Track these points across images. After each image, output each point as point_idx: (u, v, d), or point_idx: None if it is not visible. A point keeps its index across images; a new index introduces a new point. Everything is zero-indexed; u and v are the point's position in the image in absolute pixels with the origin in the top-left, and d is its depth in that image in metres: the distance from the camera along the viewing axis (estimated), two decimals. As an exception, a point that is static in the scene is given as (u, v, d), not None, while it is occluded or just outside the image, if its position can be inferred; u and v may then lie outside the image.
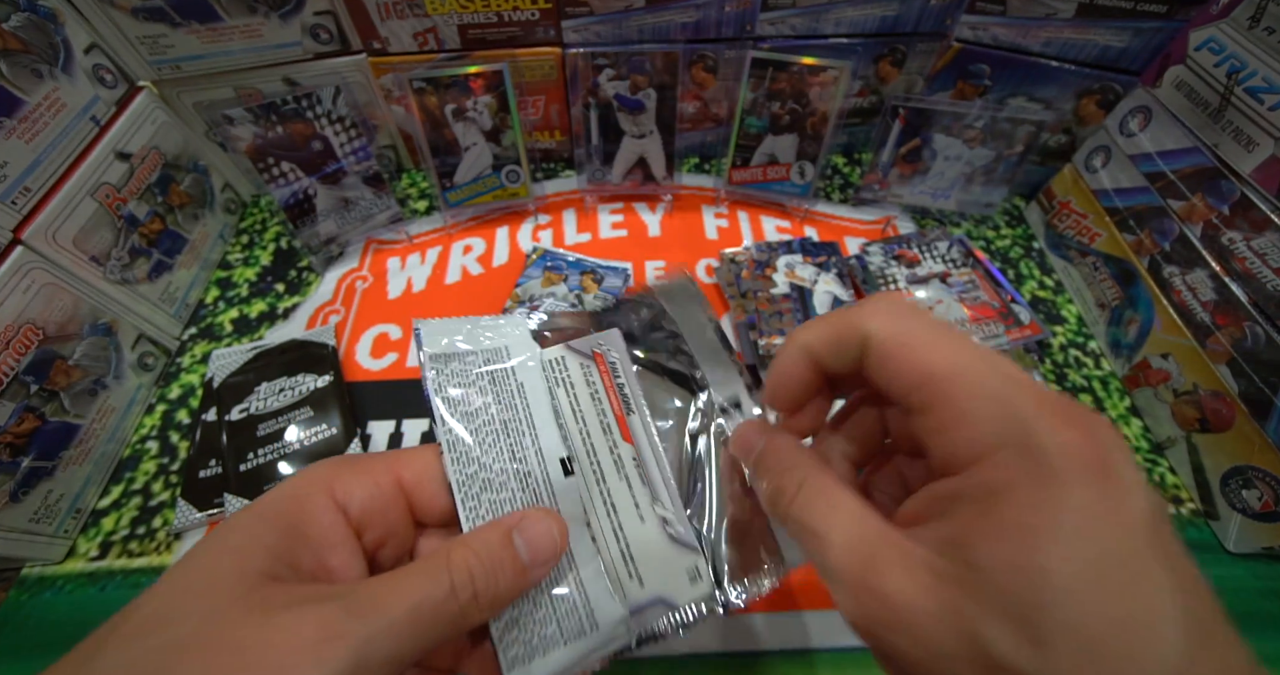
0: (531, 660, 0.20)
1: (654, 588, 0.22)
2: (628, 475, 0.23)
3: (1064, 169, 0.56)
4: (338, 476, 0.21)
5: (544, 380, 0.24)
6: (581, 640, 0.21)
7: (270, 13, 0.49)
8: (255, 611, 0.16)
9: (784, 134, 0.56)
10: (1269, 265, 0.38)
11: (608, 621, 0.21)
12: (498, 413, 0.22)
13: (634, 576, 0.22)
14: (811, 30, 0.56)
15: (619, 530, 0.23)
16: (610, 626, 0.21)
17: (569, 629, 0.21)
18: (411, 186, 0.64)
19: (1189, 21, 0.45)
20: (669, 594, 0.22)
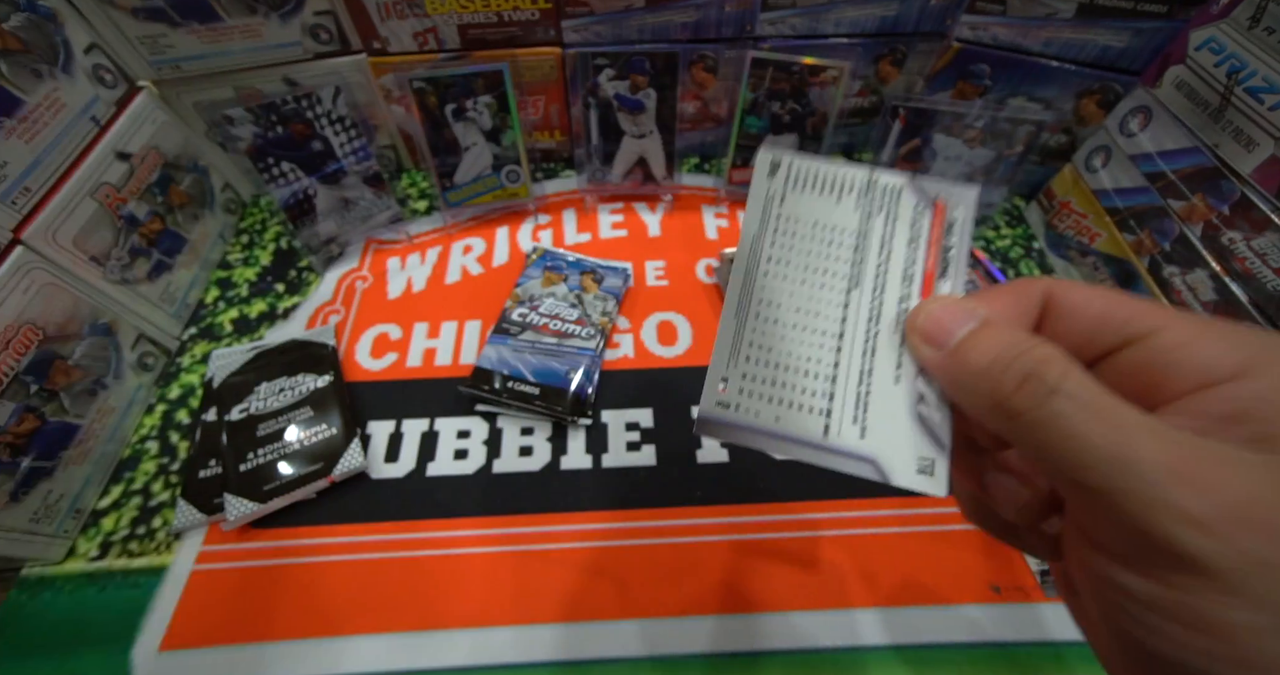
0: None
1: (873, 447, 0.20)
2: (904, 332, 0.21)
3: (1064, 169, 0.56)
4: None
5: (865, 203, 0.22)
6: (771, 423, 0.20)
7: (270, 13, 0.49)
8: None
9: (784, 134, 0.56)
10: (1269, 265, 0.38)
11: (800, 431, 0.20)
12: (807, 215, 0.21)
13: (857, 422, 0.20)
14: (811, 30, 0.56)
15: (866, 375, 0.20)
16: (798, 432, 0.20)
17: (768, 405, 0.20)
18: (411, 186, 0.64)
19: (1189, 21, 0.45)
20: (886, 464, 0.20)
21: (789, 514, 0.42)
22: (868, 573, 0.39)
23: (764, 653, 0.36)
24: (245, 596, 0.38)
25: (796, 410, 0.20)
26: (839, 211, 0.22)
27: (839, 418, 0.20)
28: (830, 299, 0.21)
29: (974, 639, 0.37)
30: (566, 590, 0.39)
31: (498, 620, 0.38)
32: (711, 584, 0.39)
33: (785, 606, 0.38)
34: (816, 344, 0.21)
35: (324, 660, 0.36)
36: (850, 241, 0.22)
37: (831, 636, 0.37)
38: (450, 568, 0.39)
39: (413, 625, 0.37)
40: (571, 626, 0.37)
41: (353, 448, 0.43)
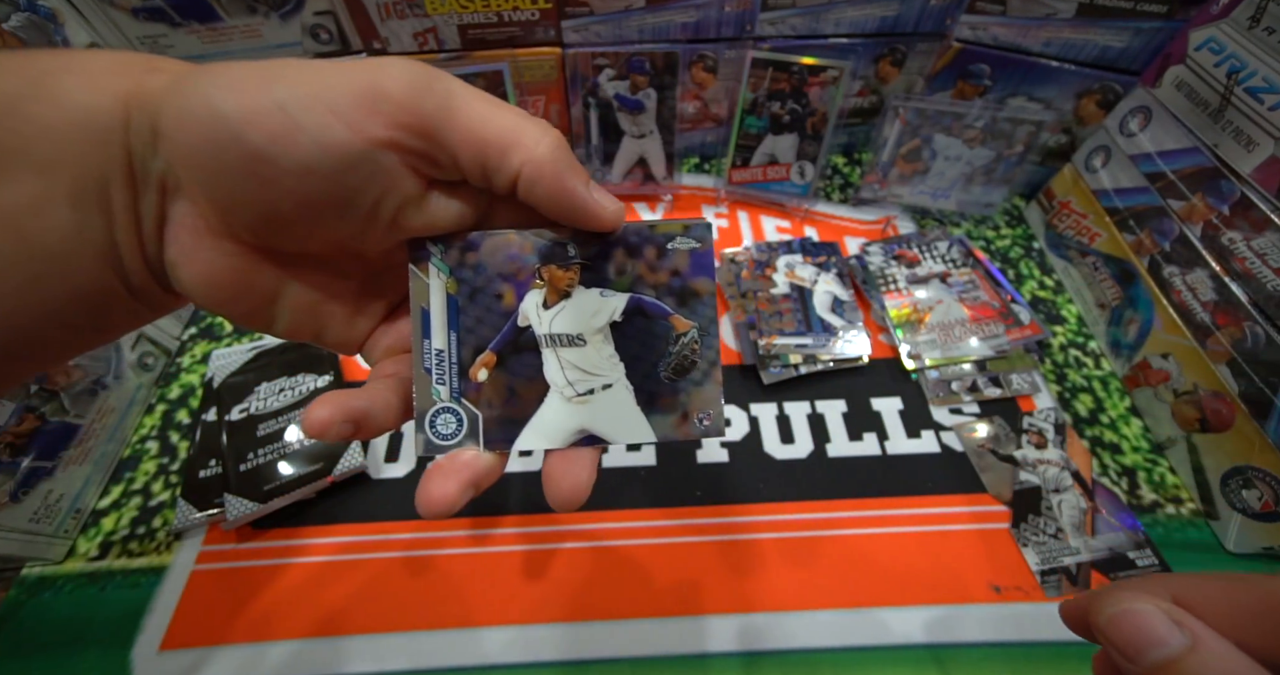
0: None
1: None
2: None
3: (1064, 169, 0.56)
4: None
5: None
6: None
7: (270, 13, 0.49)
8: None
9: (784, 134, 0.57)
10: (1269, 265, 0.38)
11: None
12: None
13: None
14: (811, 30, 0.56)
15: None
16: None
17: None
18: (411, 186, 0.64)
19: (1189, 21, 0.45)
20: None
21: (789, 514, 0.42)
22: (868, 573, 0.39)
23: (764, 653, 0.36)
24: (245, 596, 0.38)
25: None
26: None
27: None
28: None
29: (974, 639, 0.37)
30: (567, 590, 0.39)
31: (498, 620, 0.38)
32: (711, 584, 0.39)
33: (785, 606, 0.38)
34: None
35: (324, 660, 0.36)
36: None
37: (831, 636, 0.37)
38: (450, 568, 0.39)
39: (412, 625, 0.37)
40: (572, 626, 0.37)
41: (353, 447, 0.43)
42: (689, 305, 0.22)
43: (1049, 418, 0.46)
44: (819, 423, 0.46)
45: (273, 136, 0.16)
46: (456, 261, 0.21)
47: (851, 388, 0.48)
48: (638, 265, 0.22)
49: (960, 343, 0.50)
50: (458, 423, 0.21)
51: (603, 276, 0.22)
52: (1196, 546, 0.41)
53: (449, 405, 0.21)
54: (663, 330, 0.22)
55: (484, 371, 0.21)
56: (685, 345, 0.22)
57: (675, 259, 0.22)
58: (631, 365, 0.22)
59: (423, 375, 0.21)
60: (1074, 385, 0.49)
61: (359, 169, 0.17)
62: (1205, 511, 0.43)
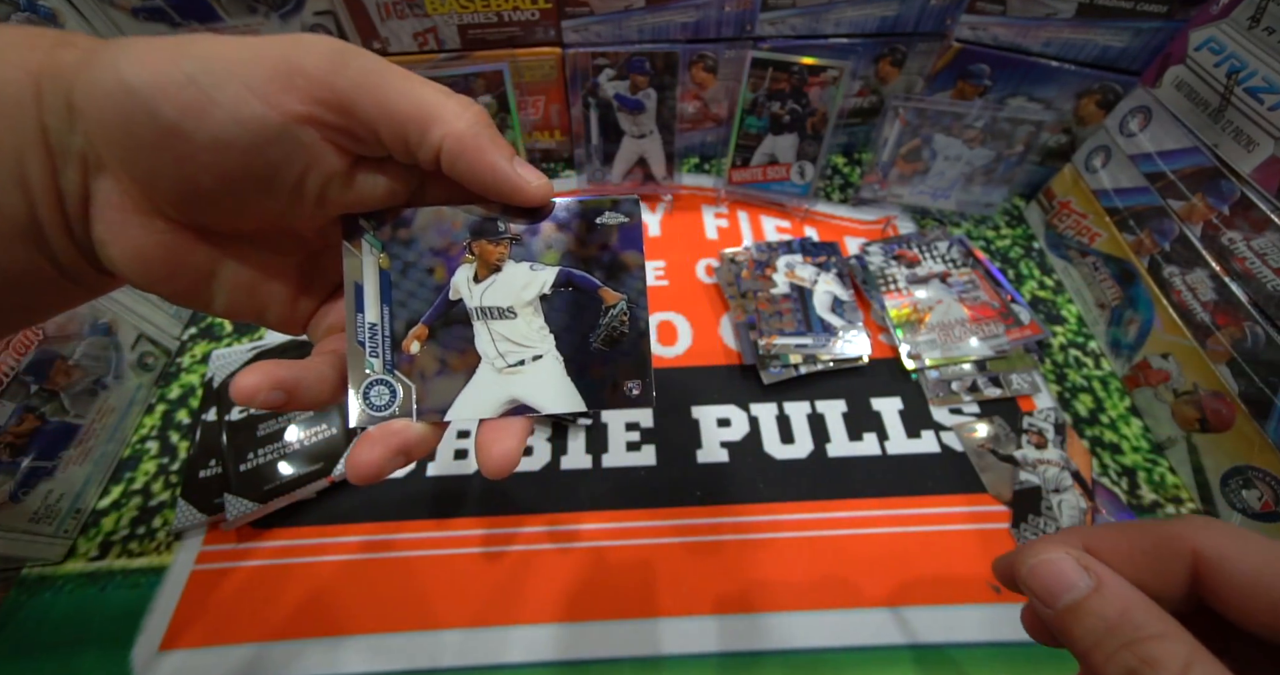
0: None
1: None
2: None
3: (1064, 169, 0.56)
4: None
5: None
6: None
7: (270, 13, 0.49)
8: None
9: (784, 134, 0.57)
10: (1269, 265, 0.38)
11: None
12: None
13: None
14: (811, 30, 0.56)
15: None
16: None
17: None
18: (411, 186, 0.64)
19: (1189, 21, 0.45)
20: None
21: (789, 514, 0.42)
22: (867, 573, 0.39)
23: (764, 652, 0.36)
24: (245, 596, 0.38)
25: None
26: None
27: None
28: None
29: (974, 639, 0.37)
30: (566, 590, 0.39)
31: (498, 620, 0.38)
32: (711, 584, 0.39)
33: (785, 607, 0.38)
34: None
35: (324, 660, 0.36)
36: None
37: (831, 637, 0.37)
38: (450, 568, 0.39)
39: (413, 625, 0.37)
40: (572, 626, 0.37)
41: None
42: (618, 278, 0.22)
43: (1049, 418, 0.46)
44: (819, 423, 0.46)
45: (185, 110, 0.16)
46: (389, 237, 0.22)
47: (851, 388, 0.48)
48: (567, 239, 0.22)
49: (960, 343, 0.50)
50: (390, 394, 0.21)
51: (532, 251, 0.22)
52: (1196, 546, 0.41)
53: (382, 377, 0.21)
54: (592, 302, 0.22)
55: (416, 344, 0.22)
56: (614, 317, 0.22)
57: (604, 233, 0.22)
58: (562, 336, 0.22)
59: (356, 349, 0.21)
60: (1074, 385, 0.49)
61: (277, 144, 0.17)
62: (1205, 511, 0.43)
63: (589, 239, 0.22)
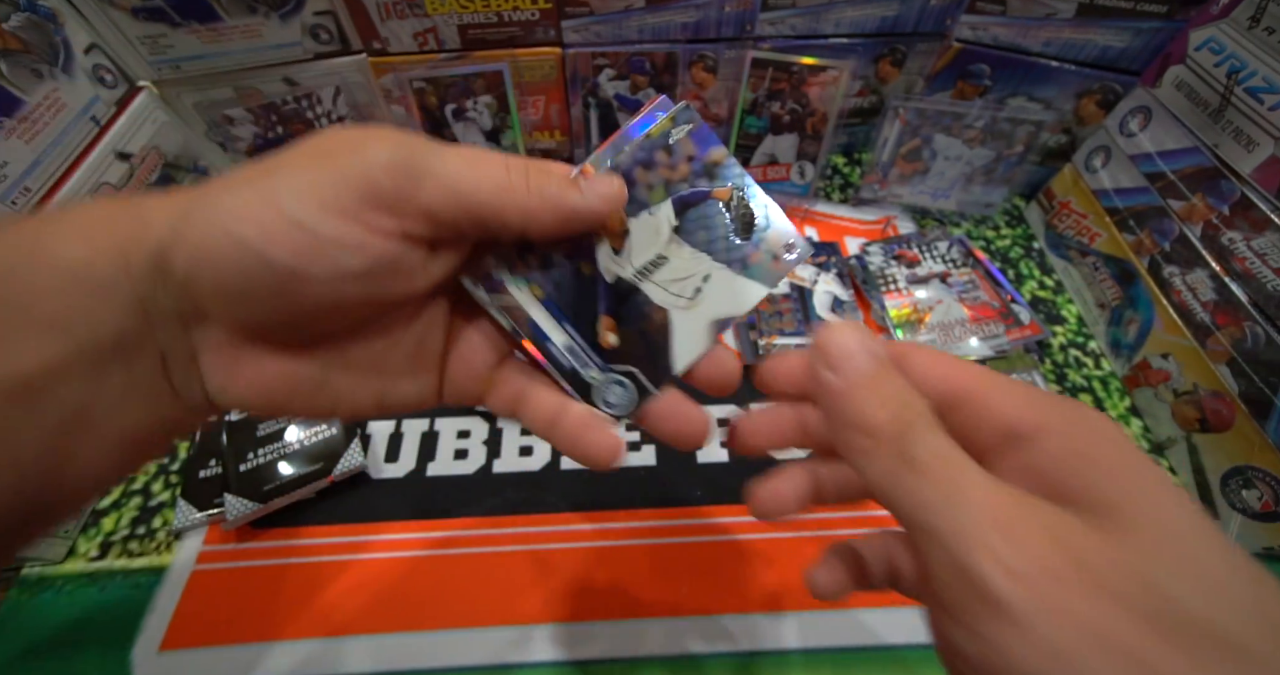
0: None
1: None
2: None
3: (1064, 169, 0.56)
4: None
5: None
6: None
7: (270, 13, 0.49)
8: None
9: (784, 134, 0.57)
10: (1269, 265, 0.38)
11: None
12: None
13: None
14: (811, 30, 0.56)
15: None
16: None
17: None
18: (411, 186, 0.64)
19: (1189, 21, 0.45)
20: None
21: (789, 514, 0.42)
22: (868, 573, 0.39)
23: (764, 652, 0.36)
24: (245, 596, 0.38)
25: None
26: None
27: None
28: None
29: (974, 639, 0.37)
30: (567, 590, 0.39)
31: (498, 620, 0.38)
32: (711, 584, 0.39)
33: (785, 606, 0.38)
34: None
35: (324, 660, 0.36)
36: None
37: (831, 636, 0.37)
38: (450, 568, 0.39)
39: (412, 625, 0.37)
40: (572, 626, 0.37)
41: (353, 447, 0.43)
42: (717, 176, 0.23)
43: (1049, 418, 0.46)
44: (819, 423, 0.46)
45: (298, 253, 0.17)
46: (524, 269, 0.22)
47: (851, 388, 0.48)
48: (659, 172, 0.23)
49: (960, 343, 0.50)
50: (621, 387, 0.23)
51: (641, 200, 0.23)
52: (1196, 546, 0.41)
53: (606, 380, 0.23)
54: (713, 208, 0.23)
55: (611, 335, 0.23)
56: (736, 207, 0.23)
57: (682, 148, 0.23)
58: (710, 249, 0.23)
59: (569, 373, 0.23)
60: (1074, 385, 0.49)
61: (382, 260, 0.18)
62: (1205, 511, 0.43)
63: (674, 161, 0.23)
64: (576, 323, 0.23)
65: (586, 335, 0.23)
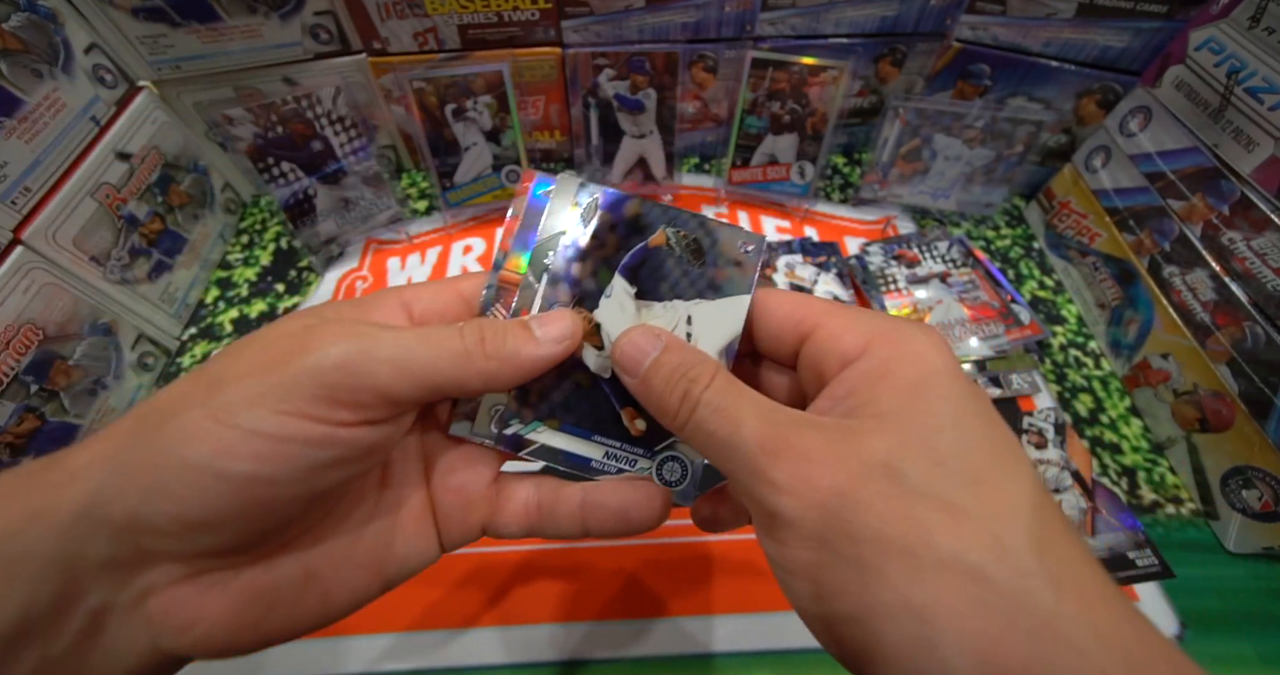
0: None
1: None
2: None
3: (1064, 169, 0.56)
4: (408, 288, 0.22)
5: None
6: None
7: (270, 13, 0.49)
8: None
9: (784, 134, 0.56)
10: (1269, 265, 0.38)
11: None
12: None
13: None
14: (811, 30, 0.56)
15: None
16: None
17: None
18: (411, 186, 0.64)
19: (1189, 21, 0.45)
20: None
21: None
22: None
23: (764, 652, 0.36)
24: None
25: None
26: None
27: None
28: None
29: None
30: (566, 590, 0.39)
31: (498, 620, 0.38)
32: (711, 584, 0.39)
33: (785, 606, 0.38)
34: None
35: (324, 660, 0.36)
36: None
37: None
38: (450, 568, 0.39)
39: (412, 625, 0.37)
40: (572, 626, 0.37)
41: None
42: (645, 226, 0.23)
43: (1049, 418, 0.46)
44: (819, 423, 0.46)
45: (261, 459, 0.16)
46: (530, 413, 0.22)
47: (851, 388, 0.48)
48: (595, 257, 0.23)
49: (960, 343, 0.50)
50: (674, 461, 0.23)
51: (594, 290, 0.23)
52: (1196, 546, 0.41)
53: (655, 462, 0.23)
54: (658, 256, 0.23)
55: (638, 421, 0.23)
56: (677, 243, 0.23)
57: (602, 222, 0.23)
58: (677, 293, 0.23)
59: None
60: (1074, 385, 0.49)
61: (354, 447, 0.18)
62: (1205, 511, 0.43)
63: (601, 239, 0.23)
64: (602, 429, 0.23)
65: (618, 434, 0.23)
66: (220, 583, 0.18)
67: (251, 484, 0.16)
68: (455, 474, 0.23)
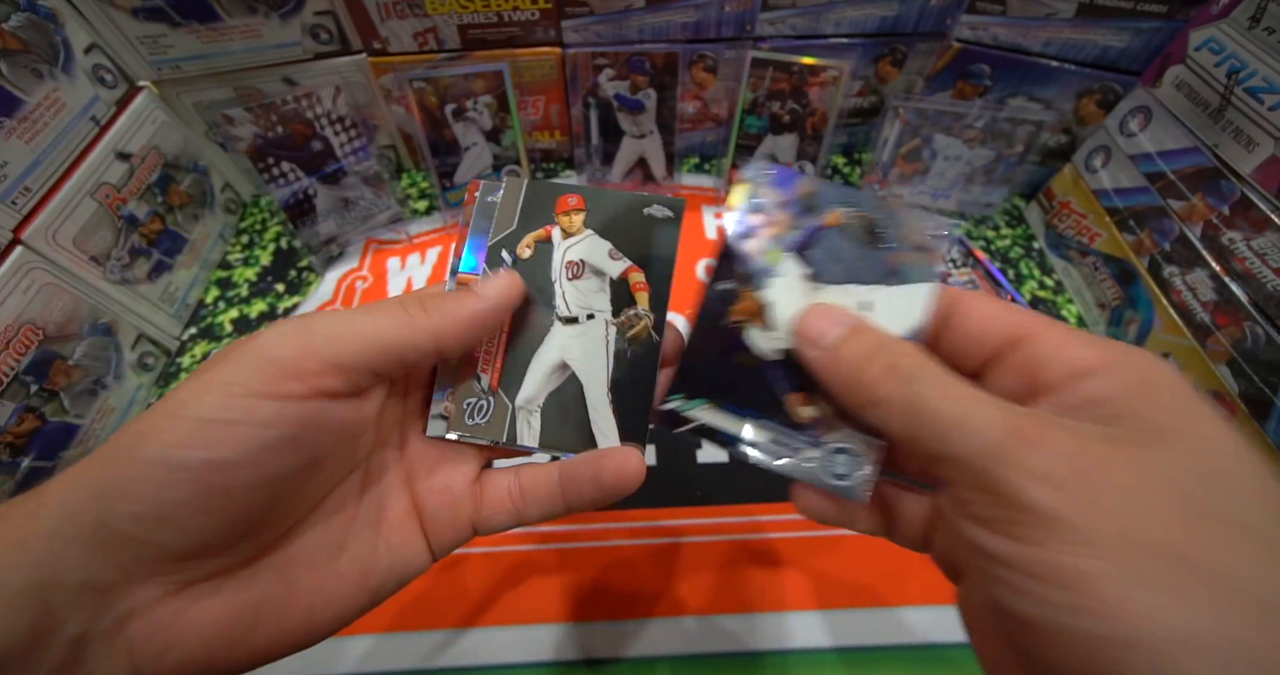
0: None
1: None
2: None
3: (1064, 169, 0.56)
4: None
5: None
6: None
7: (270, 13, 0.49)
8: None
9: (784, 134, 0.56)
10: (1269, 265, 0.38)
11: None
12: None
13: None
14: (811, 30, 0.56)
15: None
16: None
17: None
18: (411, 186, 0.64)
19: (1189, 21, 0.45)
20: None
21: (789, 514, 0.42)
22: (867, 573, 0.39)
23: (764, 652, 0.36)
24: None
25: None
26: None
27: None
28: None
29: (974, 639, 0.37)
30: (566, 590, 0.39)
31: (497, 620, 0.38)
32: (712, 584, 0.39)
33: (785, 607, 0.38)
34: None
35: (324, 660, 0.36)
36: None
37: (832, 636, 0.37)
38: (449, 567, 0.39)
39: (412, 625, 0.37)
40: (571, 626, 0.37)
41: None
42: (816, 206, 0.22)
43: (1049, 418, 0.46)
44: (819, 423, 0.46)
45: (211, 443, 0.16)
46: (690, 390, 0.23)
47: (851, 388, 0.48)
48: (764, 234, 0.23)
49: (960, 343, 0.49)
50: (844, 454, 0.22)
51: (762, 269, 0.23)
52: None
53: (824, 454, 0.22)
54: (832, 237, 0.22)
55: (804, 409, 0.22)
56: (853, 223, 0.22)
57: (771, 199, 0.22)
58: (853, 277, 0.22)
59: (789, 467, 0.22)
60: (1074, 385, 0.49)
61: (307, 422, 0.18)
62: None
63: (771, 217, 0.23)
64: (766, 413, 0.21)
65: (783, 420, 0.21)
66: (199, 600, 0.18)
67: (208, 471, 0.16)
68: (437, 475, 0.23)
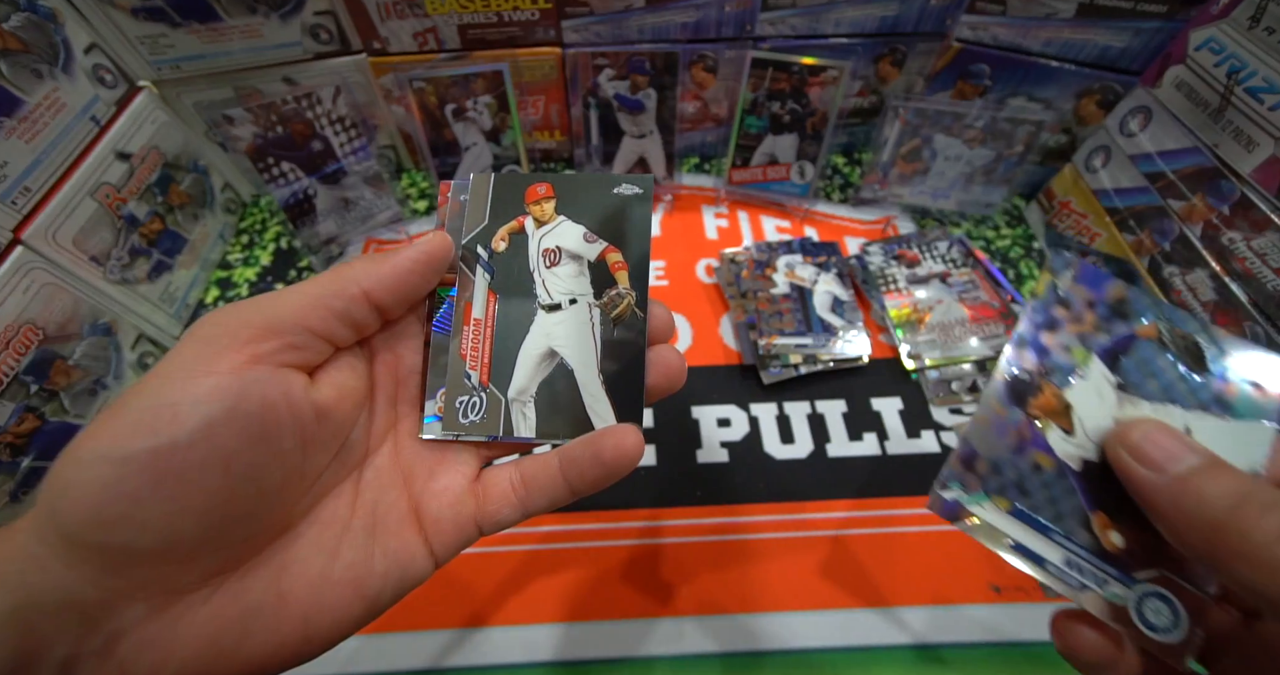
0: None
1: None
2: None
3: (1064, 169, 0.56)
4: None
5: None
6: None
7: (270, 13, 0.49)
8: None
9: (784, 134, 0.57)
10: (1269, 265, 0.38)
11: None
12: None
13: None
14: (811, 30, 0.56)
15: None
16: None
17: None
18: (411, 186, 0.64)
19: (1189, 21, 0.45)
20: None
21: (789, 514, 0.42)
22: (867, 573, 0.39)
23: (764, 652, 0.36)
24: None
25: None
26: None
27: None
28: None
29: (975, 639, 0.37)
30: (567, 590, 0.39)
31: (498, 620, 0.38)
32: (711, 584, 0.39)
33: (785, 606, 0.38)
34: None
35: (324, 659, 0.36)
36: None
37: (832, 636, 0.37)
38: (450, 567, 0.39)
39: (412, 625, 0.37)
40: (572, 626, 0.37)
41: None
42: (1129, 313, 0.21)
43: (1049, 418, 0.46)
44: (819, 423, 0.46)
45: (154, 430, 0.16)
46: (976, 482, 0.21)
47: (851, 388, 0.48)
48: (1067, 330, 0.22)
49: (960, 343, 0.50)
50: (1162, 601, 0.19)
51: (1065, 366, 0.21)
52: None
53: (1137, 593, 0.20)
54: (1148, 349, 0.21)
55: (1113, 534, 0.20)
56: (1173, 340, 0.21)
57: (1077, 295, 0.22)
58: (1172, 397, 0.21)
59: (1089, 598, 0.20)
60: (1074, 385, 0.49)
61: (247, 394, 0.18)
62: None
63: (1076, 313, 0.22)
64: (1063, 527, 0.19)
65: (1083, 540, 0.19)
66: (189, 613, 0.17)
67: (154, 458, 0.16)
68: (436, 478, 0.22)
